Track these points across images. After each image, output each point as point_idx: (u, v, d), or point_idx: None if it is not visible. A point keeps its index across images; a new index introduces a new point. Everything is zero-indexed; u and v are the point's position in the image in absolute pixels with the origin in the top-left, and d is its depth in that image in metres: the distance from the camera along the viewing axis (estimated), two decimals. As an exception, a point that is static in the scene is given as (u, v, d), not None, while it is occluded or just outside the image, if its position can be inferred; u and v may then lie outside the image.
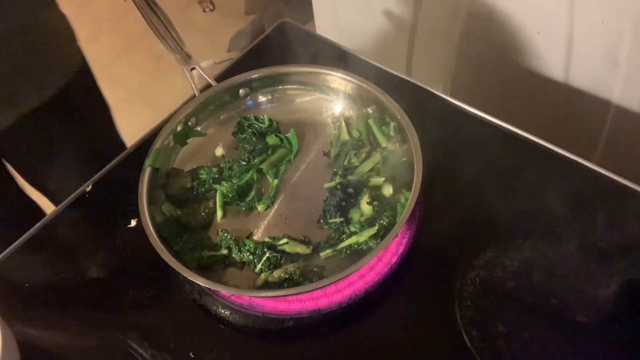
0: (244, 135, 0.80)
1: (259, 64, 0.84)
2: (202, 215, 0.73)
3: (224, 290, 0.67)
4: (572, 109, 1.00)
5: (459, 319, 0.64)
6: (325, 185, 0.74)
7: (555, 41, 0.91)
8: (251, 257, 0.68)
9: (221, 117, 0.83)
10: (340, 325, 0.67)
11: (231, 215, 0.74)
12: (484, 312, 0.64)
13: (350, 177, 0.74)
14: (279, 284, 0.66)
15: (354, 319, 0.67)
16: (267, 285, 0.67)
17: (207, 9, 2.34)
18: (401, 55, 1.18)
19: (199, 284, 0.64)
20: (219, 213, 0.74)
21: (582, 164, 0.76)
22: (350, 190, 0.72)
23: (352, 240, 0.68)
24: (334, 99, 0.82)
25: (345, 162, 0.75)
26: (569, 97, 0.97)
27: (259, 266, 0.68)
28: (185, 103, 0.80)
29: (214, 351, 0.66)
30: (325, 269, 0.67)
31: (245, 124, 0.80)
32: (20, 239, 0.76)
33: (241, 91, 0.82)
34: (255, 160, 0.77)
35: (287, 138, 0.79)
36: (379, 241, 0.66)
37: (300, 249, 0.69)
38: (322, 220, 0.71)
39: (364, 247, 0.68)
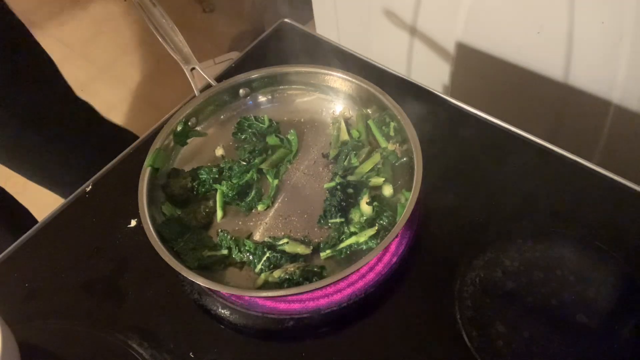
0: (244, 136, 0.80)
1: (259, 64, 0.84)
2: (203, 215, 0.73)
3: (224, 290, 0.67)
4: (572, 109, 1.00)
5: (459, 319, 0.64)
6: (325, 186, 0.74)
7: (555, 41, 0.91)
8: (251, 257, 0.68)
9: (221, 117, 0.83)
10: (340, 325, 0.67)
11: (231, 215, 0.74)
12: (484, 312, 0.64)
13: (350, 178, 0.74)
14: (279, 284, 0.66)
15: (354, 319, 0.67)
16: (267, 285, 0.67)
17: (207, 9, 2.33)
18: (401, 55, 1.18)
19: (199, 284, 0.64)
20: (219, 213, 0.74)
21: (582, 164, 0.76)
22: (350, 190, 0.72)
23: (352, 240, 0.68)
24: (334, 99, 0.82)
25: (345, 163, 0.75)
26: (569, 97, 0.97)
27: (259, 266, 0.68)
28: (185, 103, 0.80)
29: (214, 351, 0.66)
30: (325, 269, 0.67)
31: (245, 124, 0.80)
32: (21, 239, 0.76)
33: (241, 91, 0.83)
34: (256, 161, 0.77)
35: (287, 138, 0.79)
36: (378, 241, 0.66)
37: (300, 249, 0.69)
38: (322, 221, 0.71)
39: (364, 247, 0.68)
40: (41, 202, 1.10)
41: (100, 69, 2.11)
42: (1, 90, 0.88)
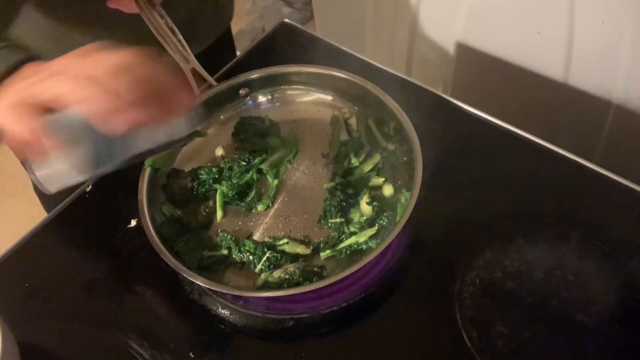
0: (244, 136, 0.80)
1: (259, 64, 0.84)
2: (203, 215, 0.73)
3: (224, 290, 0.67)
4: (572, 109, 1.00)
5: (459, 319, 0.64)
6: (325, 186, 0.74)
7: (555, 41, 0.91)
8: (251, 257, 0.68)
9: (221, 117, 0.83)
10: (340, 325, 0.67)
11: (231, 215, 0.74)
12: (484, 312, 0.64)
13: (350, 178, 0.74)
14: (279, 284, 0.66)
15: (354, 319, 0.67)
16: (267, 286, 0.67)
17: (207, 9, 2.33)
18: (401, 55, 1.18)
19: (199, 284, 0.64)
20: (219, 213, 0.74)
21: (582, 164, 0.76)
22: (350, 190, 0.72)
23: (352, 240, 0.68)
24: (334, 99, 0.82)
25: (345, 163, 0.75)
26: (569, 97, 0.97)
27: (259, 266, 0.68)
28: (185, 103, 0.80)
29: (214, 351, 0.66)
30: (325, 269, 0.67)
31: (245, 124, 0.80)
32: (21, 239, 0.76)
33: (241, 91, 0.82)
34: (255, 161, 0.77)
35: (287, 138, 0.79)
36: (378, 241, 0.66)
37: (300, 249, 0.69)
38: (322, 221, 0.71)
39: (364, 247, 0.68)
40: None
41: (100, 69, 2.10)
42: None
